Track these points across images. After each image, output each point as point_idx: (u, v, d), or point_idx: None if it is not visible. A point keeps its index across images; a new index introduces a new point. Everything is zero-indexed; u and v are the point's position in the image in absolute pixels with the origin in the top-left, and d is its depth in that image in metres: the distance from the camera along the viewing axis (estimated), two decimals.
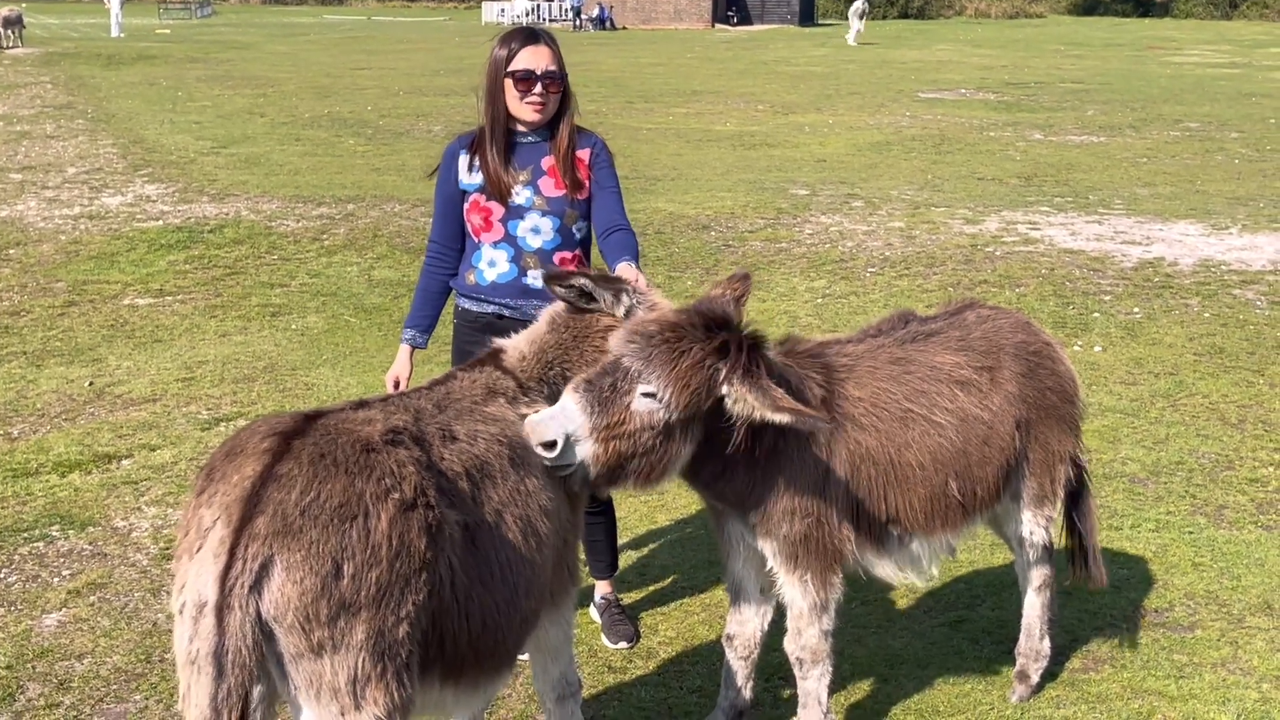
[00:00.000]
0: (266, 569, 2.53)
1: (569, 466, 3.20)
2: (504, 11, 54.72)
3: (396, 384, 4.35)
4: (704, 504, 4.06)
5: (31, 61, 32.32)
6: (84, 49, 35.87)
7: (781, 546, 3.62)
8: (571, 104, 4.26)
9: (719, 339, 3.23)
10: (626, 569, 5.27)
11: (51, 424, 6.87)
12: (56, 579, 5.12)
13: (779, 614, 3.88)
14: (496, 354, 3.48)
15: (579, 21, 54.09)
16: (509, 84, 4.15)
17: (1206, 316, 8.93)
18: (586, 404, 3.16)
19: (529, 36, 4.19)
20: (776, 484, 3.55)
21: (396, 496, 2.66)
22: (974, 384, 3.88)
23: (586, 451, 3.17)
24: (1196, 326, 8.70)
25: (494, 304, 4.28)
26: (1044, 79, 28.33)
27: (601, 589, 4.88)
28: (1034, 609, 4.33)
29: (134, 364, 7.93)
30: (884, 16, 62.35)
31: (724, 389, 3.22)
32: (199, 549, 2.59)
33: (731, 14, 57.21)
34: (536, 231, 4.22)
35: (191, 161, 15.83)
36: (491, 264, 4.26)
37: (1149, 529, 5.60)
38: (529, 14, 51.68)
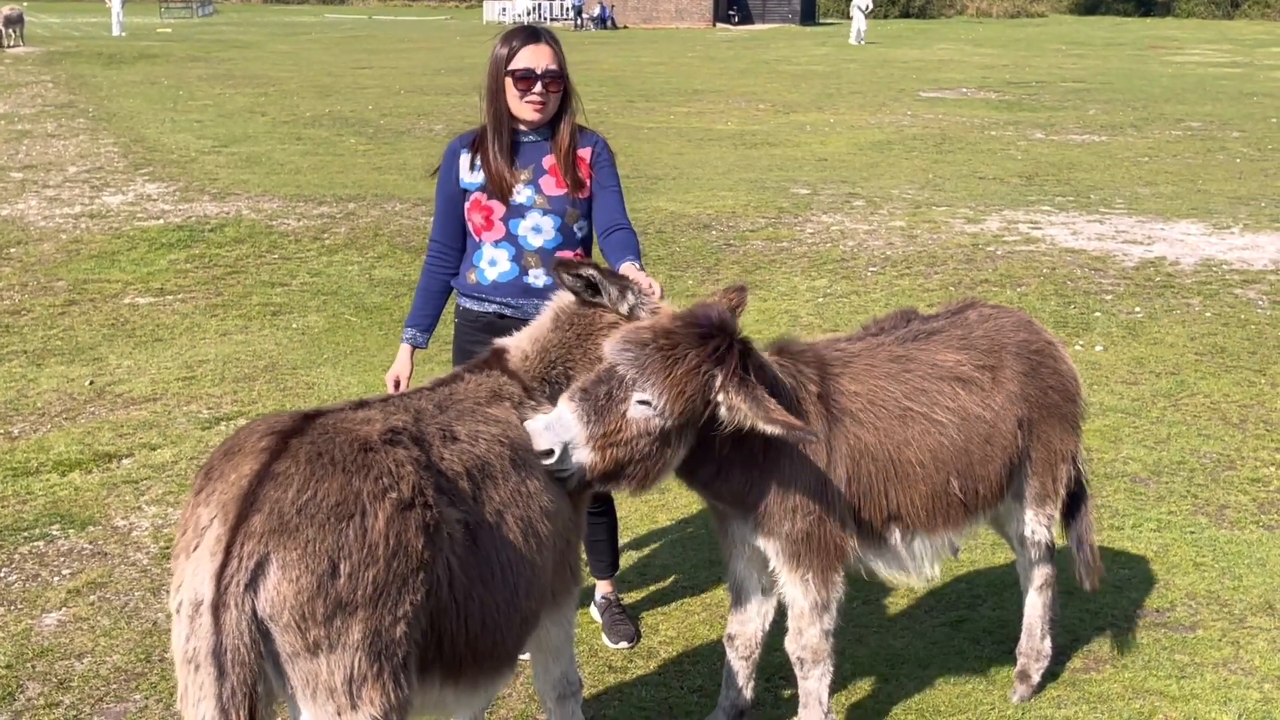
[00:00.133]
0: (262, 567, 2.53)
1: (567, 471, 3.21)
2: (505, 10, 54.70)
3: (397, 383, 4.34)
4: (705, 504, 4.06)
5: (33, 60, 32.33)
6: (85, 48, 35.88)
7: (783, 545, 3.62)
8: (573, 103, 4.25)
9: (713, 346, 3.23)
10: (627, 569, 5.27)
11: (52, 423, 6.87)
12: (56, 578, 5.12)
13: (780, 614, 3.87)
14: (500, 355, 3.47)
15: (580, 20, 54.07)
16: (509, 83, 4.14)
17: (1208, 316, 8.93)
18: (582, 413, 3.17)
19: (530, 35, 4.19)
20: (776, 482, 3.55)
21: (394, 496, 2.65)
22: (976, 382, 3.88)
23: (584, 459, 3.18)
24: (1198, 326, 8.69)
25: (495, 303, 4.27)
26: (1045, 78, 28.32)
27: (602, 589, 4.87)
28: (1035, 609, 4.33)
29: (135, 363, 7.92)
30: (885, 16, 62.30)
31: (719, 397, 3.23)
32: (196, 547, 2.58)
33: (733, 13, 57.18)
34: (538, 230, 4.22)
35: (192, 160, 15.83)
36: (492, 263, 4.26)
37: (1150, 529, 5.60)
38: (530, 13, 51.63)
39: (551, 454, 3.15)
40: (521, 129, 4.23)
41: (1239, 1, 69.66)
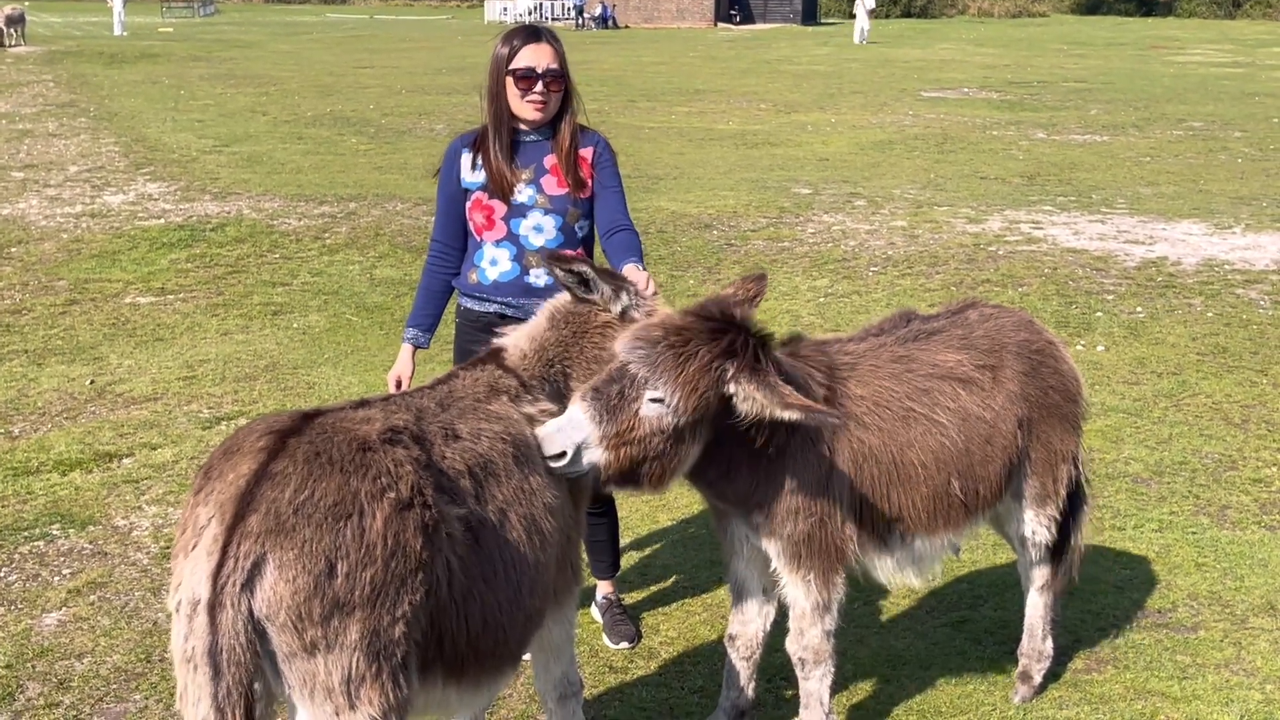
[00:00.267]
0: (258, 567, 2.52)
1: (580, 472, 3.20)
2: (506, 10, 54.71)
3: (399, 383, 4.33)
4: (706, 504, 4.05)
5: (34, 60, 32.34)
6: (86, 47, 35.89)
7: (784, 546, 3.61)
8: (574, 103, 4.25)
9: (725, 339, 3.22)
10: (628, 569, 5.26)
11: (52, 422, 6.87)
12: (57, 578, 5.11)
13: (781, 614, 3.86)
14: (497, 352, 3.47)
15: (581, 20, 54.07)
16: (510, 82, 4.13)
17: (1210, 316, 8.92)
18: (595, 412, 3.16)
19: (531, 34, 4.18)
20: (780, 484, 3.54)
21: (392, 495, 2.64)
22: (976, 382, 3.87)
23: (597, 459, 3.17)
24: (1200, 326, 8.68)
25: (496, 303, 4.27)
26: (1047, 78, 28.30)
27: (603, 589, 4.86)
28: (1037, 609, 4.32)
29: (135, 362, 7.92)
30: (887, 15, 62.31)
31: (732, 387, 3.22)
32: (194, 547, 2.58)
33: (734, 12, 57.17)
34: (539, 230, 4.21)
35: (193, 160, 15.84)
36: (494, 262, 4.25)
37: (1152, 529, 5.59)
38: (532, 12, 51.67)
39: (564, 456, 3.14)
40: (522, 128, 4.22)
41: (1240, 1, 69.63)
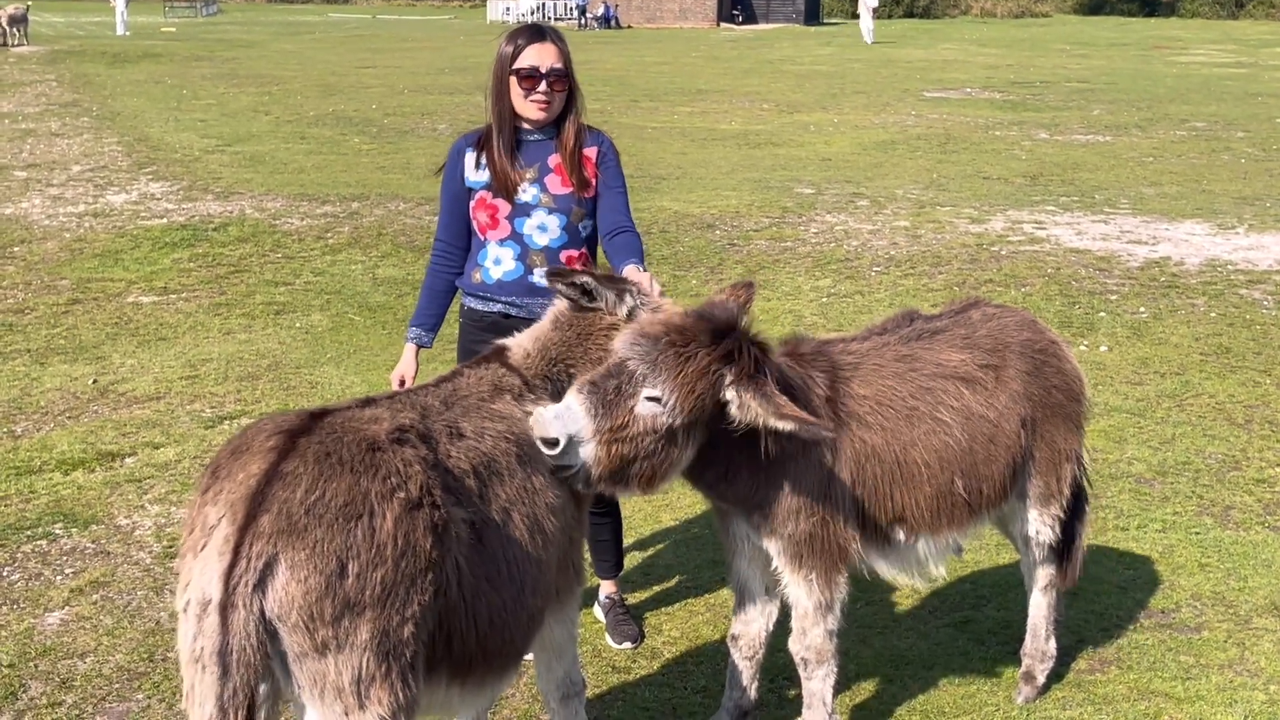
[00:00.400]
0: (271, 567, 2.52)
1: (571, 468, 3.19)
2: (509, 10, 54.71)
3: (402, 383, 4.33)
4: (709, 504, 4.05)
5: (37, 59, 32.35)
6: (89, 47, 35.90)
7: (786, 546, 3.61)
8: (578, 102, 4.25)
9: (725, 344, 3.22)
10: (631, 569, 5.26)
11: (55, 422, 6.87)
12: (59, 577, 5.11)
13: (784, 614, 3.86)
14: (501, 351, 3.47)
15: (584, 20, 54.07)
16: (514, 81, 4.13)
17: (1213, 316, 8.91)
18: (590, 406, 3.14)
19: (535, 34, 4.18)
20: (781, 484, 3.54)
21: (402, 495, 2.65)
22: (980, 382, 3.87)
23: (589, 453, 3.15)
24: (1203, 326, 8.67)
25: (500, 302, 4.27)
26: (1050, 78, 28.29)
27: (606, 589, 4.86)
28: (1040, 609, 4.32)
29: (138, 362, 7.92)
30: (890, 16, 62.26)
31: (728, 394, 3.21)
32: (204, 547, 2.58)
33: (737, 13, 57.15)
34: (543, 229, 4.21)
35: (196, 159, 15.84)
36: (497, 262, 4.25)
37: (1155, 529, 5.58)
38: (534, 12, 51.65)
39: (556, 444, 3.12)
40: (526, 128, 4.22)
41: (1243, 2, 69.57)
